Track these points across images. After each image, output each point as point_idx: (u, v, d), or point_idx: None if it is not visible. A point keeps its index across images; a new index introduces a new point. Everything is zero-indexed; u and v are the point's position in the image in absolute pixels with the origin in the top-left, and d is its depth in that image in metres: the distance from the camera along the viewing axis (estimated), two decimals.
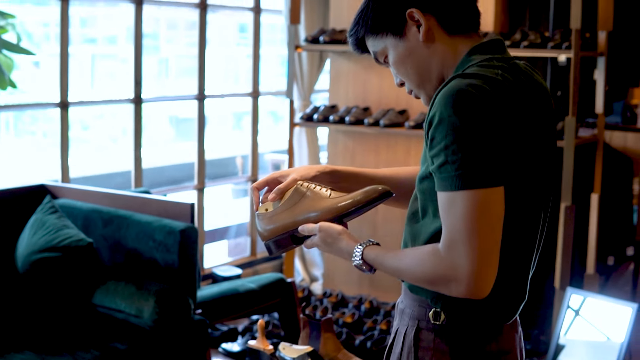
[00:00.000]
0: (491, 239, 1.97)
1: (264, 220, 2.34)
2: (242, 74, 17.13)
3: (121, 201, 5.10)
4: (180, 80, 16.44)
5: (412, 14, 2.17)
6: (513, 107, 2.03)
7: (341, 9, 6.65)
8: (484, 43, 2.20)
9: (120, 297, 4.65)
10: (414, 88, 2.27)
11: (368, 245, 2.20)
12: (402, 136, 6.39)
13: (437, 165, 2.00)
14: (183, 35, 17.02)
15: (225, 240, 7.73)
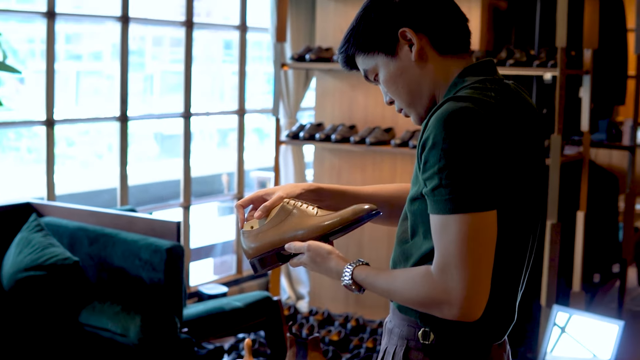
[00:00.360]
0: (484, 262, 1.98)
1: (250, 237, 2.33)
2: (228, 91, 17.15)
3: (107, 219, 5.09)
4: (166, 97, 16.45)
5: (404, 33, 2.17)
6: (505, 130, 2.03)
7: (327, 27, 6.66)
8: (476, 64, 2.20)
9: (106, 315, 4.64)
10: (404, 107, 2.27)
11: (358, 265, 2.19)
12: (388, 154, 6.39)
13: (431, 188, 2.00)
14: (168, 51, 17.03)
15: (210, 258, 7.71)
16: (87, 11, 12.20)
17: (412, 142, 5.92)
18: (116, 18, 5.99)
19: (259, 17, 7.21)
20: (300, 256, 2.27)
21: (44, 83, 5.59)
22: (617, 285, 7.45)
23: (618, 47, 6.70)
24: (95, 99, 15.13)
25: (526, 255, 2.20)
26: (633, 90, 7.01)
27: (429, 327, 2.15)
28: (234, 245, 7.28)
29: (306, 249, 2.25)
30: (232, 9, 13.08)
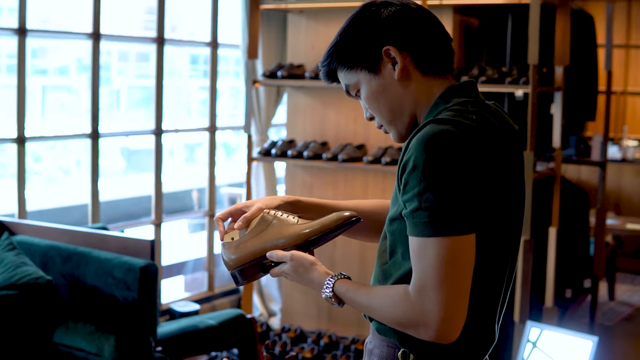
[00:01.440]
0: (461, 285, 1.98)
1: (230, 249, 2.31)
2: (195, 106, 17.11)
3: (80, 238, 5.06)
4: (132, 112, 16.38)
5: (388, 51, 2.17)
6: (486, 153, 2.03)
7: (298, 44, 6.67)
8: (458, 85, 2.21)
9: (80, 335, 4.60)
10: (385, 124, 2.27)
11: (339, 279, 2.19)
12: (360, 170, 6.40)
13: (410, 210, 2.00)
14: (134, 66, 16.98)
15: (181, 276, 7.68)
16: (58, 27, 12.17)
17: (385, 159, 5.93)
18: (87, 35, 5.96)
19: (227, 33, 7.18)
20: (282, 265, 2.26)
21: (15, 99, 5.55)
22: (588, 300, 7.49)
23: (589, 64, 6.75)
24: (62, 114, 15.05)
25: (505, 276, 2.20)
26: (603, 105, 7.07)
27: (408, 348, 2.15)
28: (205, 262, 7.25)
29: (289, 258, 2.24)
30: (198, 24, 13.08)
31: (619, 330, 7.16)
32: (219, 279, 7.43)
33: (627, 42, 10.49)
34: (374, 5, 2.23)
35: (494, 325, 2.21)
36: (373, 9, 2.22)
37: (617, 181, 9.86)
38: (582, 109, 6.83)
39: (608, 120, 6.84)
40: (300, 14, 6.66)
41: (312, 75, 6.19)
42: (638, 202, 10.03)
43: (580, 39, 6.61)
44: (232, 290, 7.32)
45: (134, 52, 16.43)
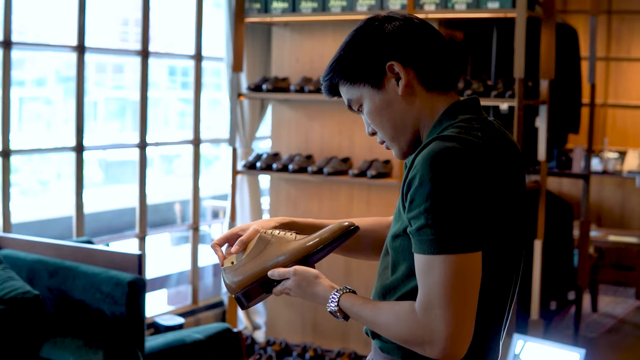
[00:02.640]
0: (468, 304, 1.98)
1: (231, 273, 2.31)
2: (172, 117, 17.07)
3: (66, 252, 5.02)
4: (109, 123, 16.33)
5: (392, 67, 2.16)
6: (491, 170, 2.03)
7: (283, 57, 6.66)
8: (462, 102, 2.20)
9: (68, 350, 4.57)
10: (387, 140, 2.26)
11: (344, 293, 2.18)
12: (344, 184, 6.39)
13: (416, 227, 2.00)
14: (110, 78, 16.93)
15: (164, 289, 7.64)
16: (36, 39, 12.12)
17: (370, 172, 5.93)
18: (72, 47, 5.93)
19: (207, 46, 7.15)
20: (284, 282, 2.25)
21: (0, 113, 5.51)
22: (572, 312, 7.51)
23: (572, 77, 6.78)
24: (38, 125, 14.99)
25: (510, 293, 2.20)
26: (587, 118, 7.09)
27: None
28: (189, 275, 7.22)
29: (292, 273, 2.24)
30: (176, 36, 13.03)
31: (603, 342, 7.18)
32: (202, 292, 7.40)
33: (607, 54, 10.55)
34: (378, 20, 2.22)
35: (499, 342, 2.21)
36: (376, 24, 2.21)
37: (598, 193, 9.91)
38: (565, 121, 6.85)
39: (592, 133, 6.86)
40: (285, 27, 6.66)
41: (297, 89, 6.18)
42: (619, 214, 10.08)
43: (564, 52, 6.64)
44: (216, 303, 7.30)
45: (110, 63, 16.39)
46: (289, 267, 2.26)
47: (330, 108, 6.47)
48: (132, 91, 16.06)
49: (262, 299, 2.34)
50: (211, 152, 14.44)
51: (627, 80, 10.59)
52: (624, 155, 10.35)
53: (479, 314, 2.03)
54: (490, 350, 2.18)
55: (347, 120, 6.42)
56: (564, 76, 6.63)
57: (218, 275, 7.81)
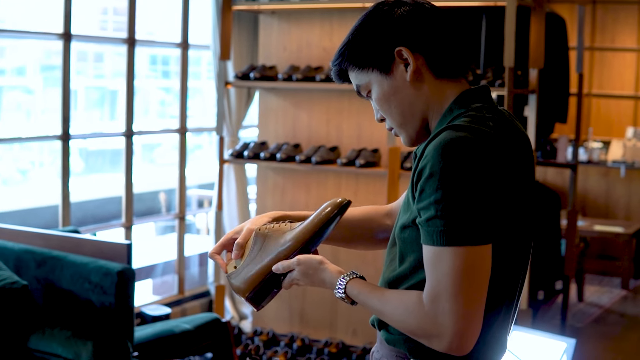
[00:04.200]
0: (476, 297, 1.95)
1: (236, 277, 2.28)
2: (153, 106, 17.01)
3: (54, 241, 4.98)
4: (90, 112, 16.25)
5: (400, 52, 2.12)
6: (503, 161, 2.00)
7: (270, 46, 6.62)
8: (472, 90, 2.16)
9: (56, 341, 4.53)
10: (396, 127, 2.22)
11: (352, 279, 2.15)
12: (332, 172, 6.36)
13: (425, 218, 1.97)
14: (92, 67, 16.85)
15: (149, 279, 7.60)
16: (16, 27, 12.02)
17: (359, 161, 5.90)
18: (58, 35, 5.87)
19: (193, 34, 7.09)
20: (290, 273, 2.22)
21: None
22: (558, 302, 7.51)
23: (560, 66, 6.76)
24: (18, 115, 14.91)
25: (518, 286, 2.17)
26: (574, 108, 7.09)
27: (418, 359, 2.11)
28: (175, 265, 7.18)
29: (296, 263, 2.21)
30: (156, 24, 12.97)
31: (590, 332, 7.19)
32: (189, 281, 7.36)
33: (592, 44, 10.56)
34: (387, 4, 2.18)
35: (506, 335, 2.18)
36: (386, 9, 2.17)
37: (583, 183, 9.91)
38: (553, 111, 6.84)
39: (579, 123, 6.85)
40: (272, 15, 6.61)
41: (285, 77, 6.14)
42: (604, 204, 10.09)
43: (553, 42, 6.62)
44: (203, 293, 7.26)
45: (91, 52, 16.31)
46: (291, 257, 2.23)
47: (317, 96, 6.44)
48: (112, 80, 16.05)
49: (274, 295, 2.31)
50: (192, 141, 14.38)
51: (611, 70, 10.61)
52: (608, 145, 10.37)
53: (487, 307, 2.00)
54: (498, 344, 2.14)
55: (335, 108, 6.39)
56: (552, 66, 6.61)
57: (204, 264, 7.78)
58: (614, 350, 6.86)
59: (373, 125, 6.23)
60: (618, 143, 10.20)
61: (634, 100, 10.53)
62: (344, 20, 6.34)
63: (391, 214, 2.52)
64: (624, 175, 9.92)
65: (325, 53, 6.40)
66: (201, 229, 9.23)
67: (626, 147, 10.05)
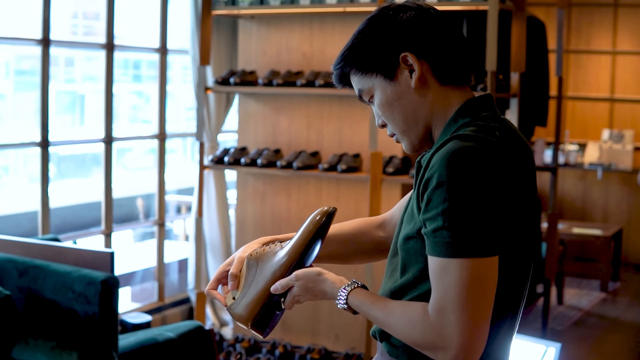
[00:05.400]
0: (482, 310, 1.93)
1: (237, 308, 2.24)
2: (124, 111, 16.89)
3: (36, 250, 4.92)
4: (60, 117, 16.12)
5: (405, 58, 2.09)
6: (509, 171, 1.98)
7: (250, 51, 6.58)
8: (477, 98, 2.14)
9: (41, 351, 4.47)
10: (398, 133, 2.19)
11: (353, 289, 2.12)
12: (313, 178, 6.33)
13: (432, 229, 1.94)
14: (63, 71, 16.72)
15: (128, 287, 7.54)
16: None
17: (340, 167, 5.87)
18: (37, 41, 5.81)
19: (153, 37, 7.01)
20: (291, 291, 2.19)
21: None
22: (539, 305, 7.51)
23: (540, 69, 6.76)
24: None
25: (523, 297, 2.15)
26: (554, 111, 7.09)
27: None
28: (154, 272, 7.12)
29: (294, 279, 2.18)
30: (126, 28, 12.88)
31: (571, 335, 7.19)
32: (168, 288, 7.31)
33: (567, 47, 10.60)
34: (392, 9, 2.15)
35: (510, 346, 2.15)
36: (391, 13, 2.13)
37: (560, 185, 9.95)
38: (534, 114, 6.83)
39: (559, 126, 6.84)
40: (252, 20, 6.58)
41: (265, 82, 6.11)
42: (581, 206, 10.13)
43: (532, 45, 6.62)
44: (183, 300, 7.21)
45: (62, 57, 16.18)
46: (287, 275, 2.20)
47: (298, 101, 6.41)
48: (82, 85, 15.93)
49: (278, 318, 2.28)
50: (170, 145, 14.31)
51: (587, 73, 10.65)
52: (584, 147, 10.40)
53: (493, 318, 1.98)
54: (502, 355, 2.12)
55: (315, 113, 6.36)
56: (532, 69, 6.61)
57: (184, 271, 7.72)
58: (595, 353, 6.87)
59: (354, 130, 6.21)
60: (594, 145, 10.24)
61: (609, 103, 10.57)
62: (324, 24, 6.32)
63: (384, 226, 2.49)
64: (601, 178, 9.96)
65: (305, 58, 6.38)
66: (179, 235, 9.17)
67: (602, 149, 10.09)
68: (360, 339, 6.19)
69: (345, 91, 5.82)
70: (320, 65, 6.31)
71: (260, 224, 6.55)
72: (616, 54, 10.51)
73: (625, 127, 10.43)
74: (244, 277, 2.26)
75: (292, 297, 2.20)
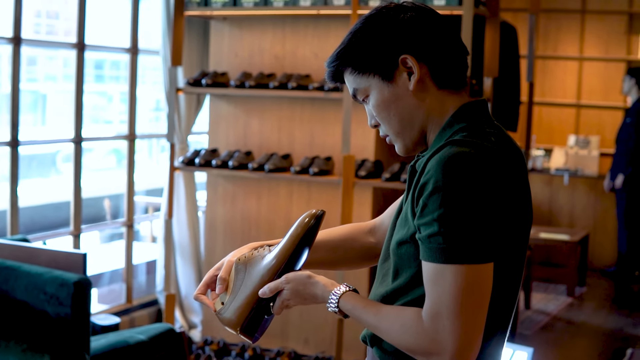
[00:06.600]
0: (477, 316, 1.93)
1: (226, 313, 2.24)
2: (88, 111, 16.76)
3: (7, 251, 4.86)
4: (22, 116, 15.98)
5: (405, 60, 2.08)
6: (505, 177, 1.98)
7: (221, 52, 6.55)
8: (472, 103, 2.13)
9: (12, 354, 4.42)
10: (392, 135, 2.17)
11: (344, 293, 2.11)
12: (284, 180, 6.31)
13: (427, 234, 1.93)
14: (25, 70, 16.58)
15: (94, 288, 7.47)
16: None
17: (312, 169, 5.86)
18: (7, 39, 5.75)
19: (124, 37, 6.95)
20: (280, 295, 2.18)
21: None
22: None
23: (512, 75, 6.78)
24: None
25: (515, 302, 2.15)
26: (524, 116, 7.11)
27: None
28: (122, 273, 7.07)
29: (284, 282, 2.17)
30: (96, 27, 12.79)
31: (539, 339, 7.22)
32: (136, 290, 7.25)
33: (535, 52, 10.62)
34: (389, 8, 2.13)
35: (501, 351, 2.15)
36: (390, 13, 2.11)
37: None
38: (505, 120, 6.85)
39: (529, 131, 6.88)
40: (224, 21, 6.55)
41: (238, 84, 6.08)
42: (547, 211, 10.18)
43: (504, 50, 6.63)
44: (151, 302, 7.15)
45: (25, 55, 16.05)
46: (276, 278, 2.19)
47: (269, 103, 6.38)
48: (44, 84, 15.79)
49: (268, 323, 2.26)
50: (124, 146, 14.17)
51: (554, 78, 10.71)
52: (550, 152, 10.45)
53: (486, 324, 1.97)
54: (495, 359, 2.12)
55: (287, 116, 6.34)
56: (503, 74, 6.63)
57: (152, 273, 7.67)
58: (564, 357, 6.90)
59: (325, 132, 6.20)
60: (560, 151, 10.30)
61: (575, 109, 10.63)
62: (296, 27, 6.30)
63: (374, 231, 2.48)
64: (568, 183, 10.01)
65: (277, 60, 6.36)
66: (146, 236, 9.11)
67: (568, 154, 10.15)
68: (331, 342, 6.18)
69: (317, 94, 5.82)
70: (292, 67, 6.29)
71: (230, 226, 6.52)
72: (583, 60, 10.57)
73: (591, 133, 10.50)
74: (232, 281, 2.24)
75: (281, 301, 2.19)
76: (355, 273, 5.99)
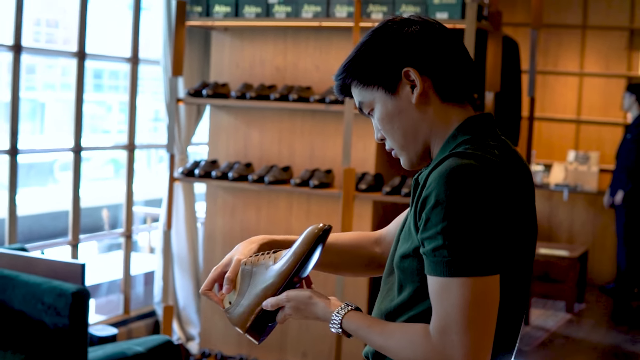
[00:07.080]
0: (485, 329, 1.90)
1: (232, 314, 2.23)
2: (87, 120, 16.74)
3: (4, 260, 4.83)
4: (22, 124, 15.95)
5: (408, 73, 2.07)
6: (509, 190, 1.96)
7: (222, 63, 6.53)
8: (477, 117, 2.12)
9: None
10: (397, 148, 2.16)
11: (347, 312, 2.09)
12: (284, 193, 6.29)
13: (431, 248, 1.91)
14: (23, 79, 16.57)
15: (92, 299, 7.44)
16: None
17: (313, 182, 5.83)
18: (8, 47, 5.73)
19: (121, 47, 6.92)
20: (282, 310, 2.16)
21: None
22: None
23: (513, 90, 6.77)
24: None
25: (522, 316, 2.13)
26: (525, 131, 7.09)
27: None
28: (120, 284, 7.03)
29: (285, 299, 2.15)
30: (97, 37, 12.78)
31: (538, 356, 7.19)
32: (134, 301, 7.22)
33: (535, 68, 10.62)
34: (396, 22, 2.12)
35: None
36: (395, 27, 2.11)
37: None
38: (506, 134, 6.84)
39: (530, 146, 6.87)
40: (225, 32, 6.53)
41: (238, 95, 6.06)
42: (546, 227, 10.16)
43: (506, 65, 6.62)
44: (148, 313, 7.12)
45: (24, 64, 16.04)
46: (279, 293, 2.17)
47: (270, 115, 6.36)
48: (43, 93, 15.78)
49: (271, 329, 2.26)
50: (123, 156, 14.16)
51: (554, 93, 10.69)
52: (550, 168, 10.44)
53: (495, 337, 1.95)
54: None
55: (287, 128, 6.32)
56: (505, 89, 6.61)
57: (150, 284, 7.63)
58: None
59: (326, 145, 6.18)
60: (560, 166, 10.28)
61: (575, 124, 10.61)
62: (298, 38, 6.29)
63: (380, 242, 2.47)
64: (567, 199, 9.99)
65: (279, 71, 6.34)
66: (144, 247, 9.07)
67: (568, 170, 10.13)
68: (329, 356, 6.15)
69: (318, 106, 5.80)
70: (293, 79, 6.27)
71: (229, 238, 6.49)
72: (583, 76, 10.56)
73: (590, 149, 10.48)
74: (238, 283, 2.23)
75: (284, 315, 2.17)
76: (355, 284, 5.97)
